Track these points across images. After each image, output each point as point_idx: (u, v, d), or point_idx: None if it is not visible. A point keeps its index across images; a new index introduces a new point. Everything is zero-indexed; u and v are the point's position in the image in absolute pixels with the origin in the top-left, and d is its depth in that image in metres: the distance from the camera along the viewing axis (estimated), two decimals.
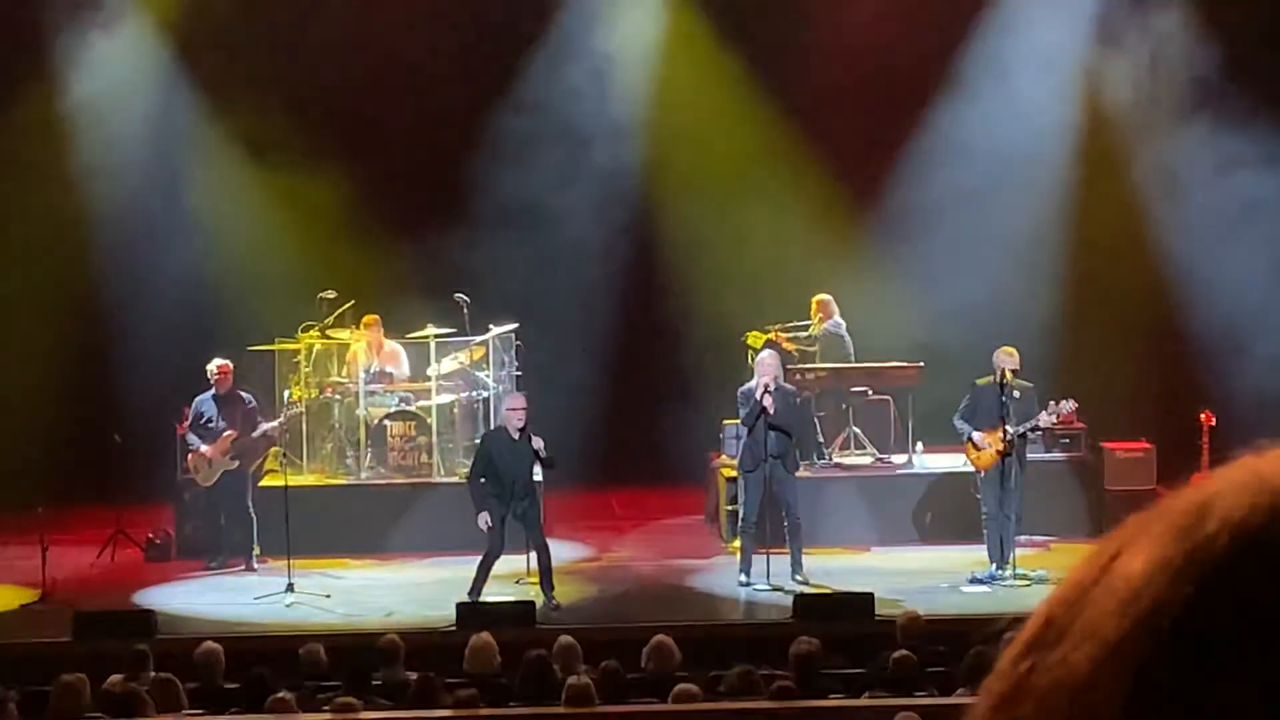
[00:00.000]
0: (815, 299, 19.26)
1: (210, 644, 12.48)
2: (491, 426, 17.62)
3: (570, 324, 20.32)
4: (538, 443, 15.82)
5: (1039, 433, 16.72)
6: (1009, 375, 16.06)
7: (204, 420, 17.30)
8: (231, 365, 17.49)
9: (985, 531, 16.26)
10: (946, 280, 20.07)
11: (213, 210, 20.63)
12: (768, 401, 16.02)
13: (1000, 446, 16.03)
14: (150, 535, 17.74)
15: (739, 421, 16.59)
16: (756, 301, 19.58)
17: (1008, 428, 15.97)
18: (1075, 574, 1.12)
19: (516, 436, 15.81)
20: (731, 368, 18.48)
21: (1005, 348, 16.23)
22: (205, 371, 17.39)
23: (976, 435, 16.17)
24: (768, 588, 15.87)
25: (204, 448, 17.21)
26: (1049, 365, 18.23)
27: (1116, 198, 20.49)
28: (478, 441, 16.82)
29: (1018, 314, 19.50)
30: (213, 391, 17.35)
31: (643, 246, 21.09)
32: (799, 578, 16.26)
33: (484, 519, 15.58)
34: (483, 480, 15.81)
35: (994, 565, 16.11)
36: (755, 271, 20.21)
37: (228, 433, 17.21)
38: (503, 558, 16.28)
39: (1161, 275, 20.31)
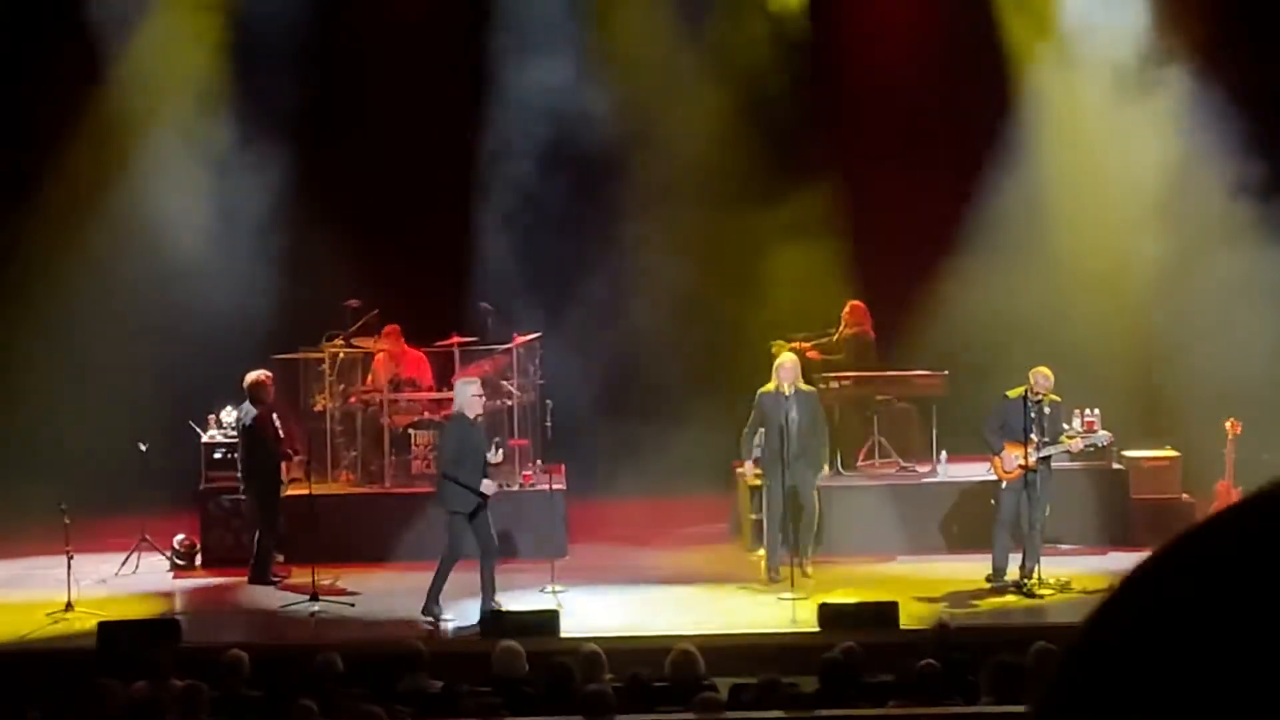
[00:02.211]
0: (847, 305, 19.26)
1: (235, 651, 12.49)
2: (510, 433, 17.62)
3: (592, 332, 20.34)
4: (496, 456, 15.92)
5: (1063, 452, 16.69)
6: (1032, 381, 16.06)
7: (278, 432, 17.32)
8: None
9: (994, 538, 16.25)
10: (973, 290, 20.10)
11: (237, 216, 20.66)
12: (791, 404, 16.35)
13: (1025, 460, 16.00)
14: (175, 543, 17.76)
15: (748, 426, 16.69)
16: (782, 309, 19.56)
17: (1033, 437, 15.96)
18: None
19: (477, 421, 15.83)
20: (756, 376, 18.46)
21: (1041, 368, 16.20)
22: (253, 385, 17.21)
23: (1004, 450, 16.14)
24: (792, 597, 15.84)
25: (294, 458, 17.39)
26: (1075, 373, 18.15)
27: (1140, 213, 20.45)
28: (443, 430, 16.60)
29: (1044, 322, 19.52)
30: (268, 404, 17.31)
31: (666, 253, 21.08)
32: (804, 573, 16.58)
33: (489, 485, 15.55)
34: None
35: (995, 572, 16.13)
36: (780, 279, 20.18)
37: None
38: (525, 567, 16.39)
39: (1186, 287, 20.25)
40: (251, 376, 17.13)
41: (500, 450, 16.03)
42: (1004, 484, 16.27)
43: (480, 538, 15.48)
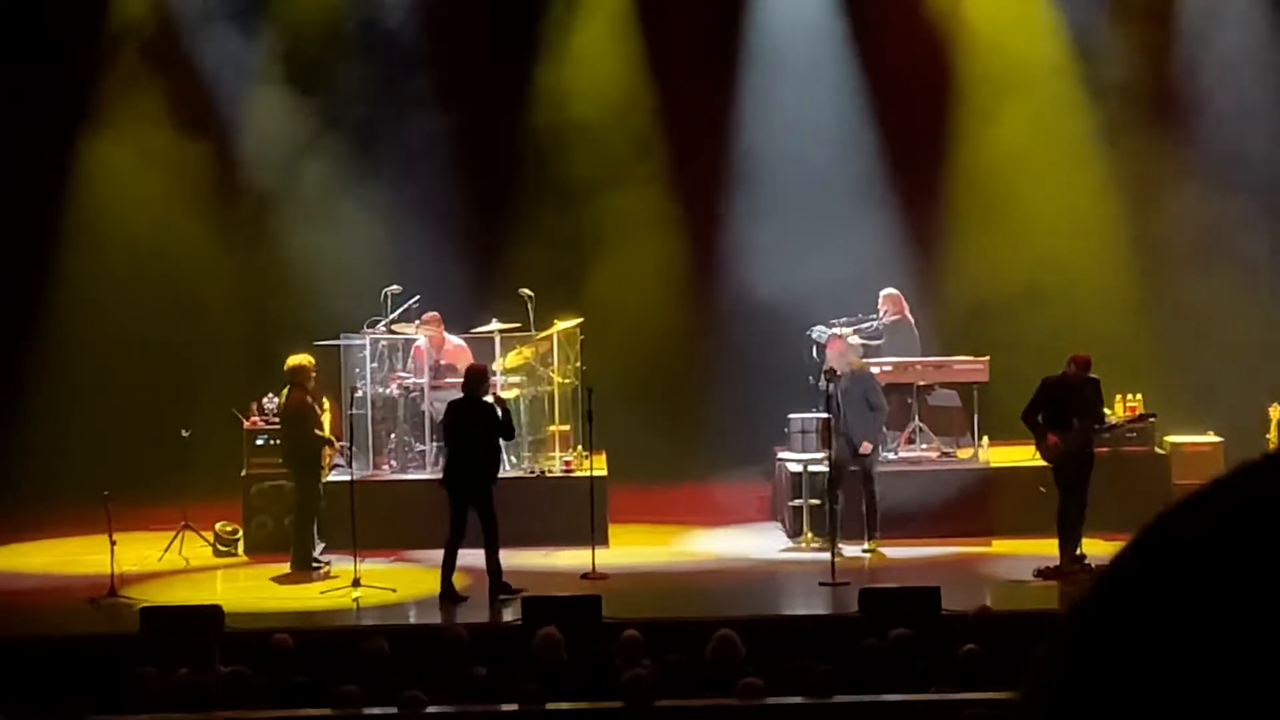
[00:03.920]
0: (883, 293, 19.26)
1: (280, 635, 12.53)
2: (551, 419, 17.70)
3: (633, 318, 20.37)
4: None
5: (1108, 433, 16.69)
6: (1072, 365, 16.07)
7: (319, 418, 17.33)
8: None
9: (1058, 526, 16.20)
10: (1015, 271, 20.14)
11: (277, 204, 20.75)
12: (834, 385, 16.71)
13: (1067, 444, 15.97)
14: (217, 529, 17.81)
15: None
16: (822, 296, 19.54)
17: (1075, 422, 15.94)
18: None
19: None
20: (797, 363, 18.49)
21: (1080, 352, 16.19)
22: (294, 370, 17.17)
23: (1046, 431, 16.11)
24: (831, 582, 15.81)
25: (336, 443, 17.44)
26: (1118, 358, 18.11)
27: (1176, 189, 20.41)
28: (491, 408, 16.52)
29: (1087, 306, 19.54)
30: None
31: (706, 241, 21.12)
32: (866, 546, 16.94)
33: None
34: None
35: (1065, 560, 16.06)
36: (820, 266, 20.17)
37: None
38: (565, 551, 16.45)
39: (1224, 265, 20.17)
40: (293, 361, 17.11)
41: None
42: (1053, 468, 16.26)
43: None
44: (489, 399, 16.04)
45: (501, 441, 16.36)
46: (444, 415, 16.43)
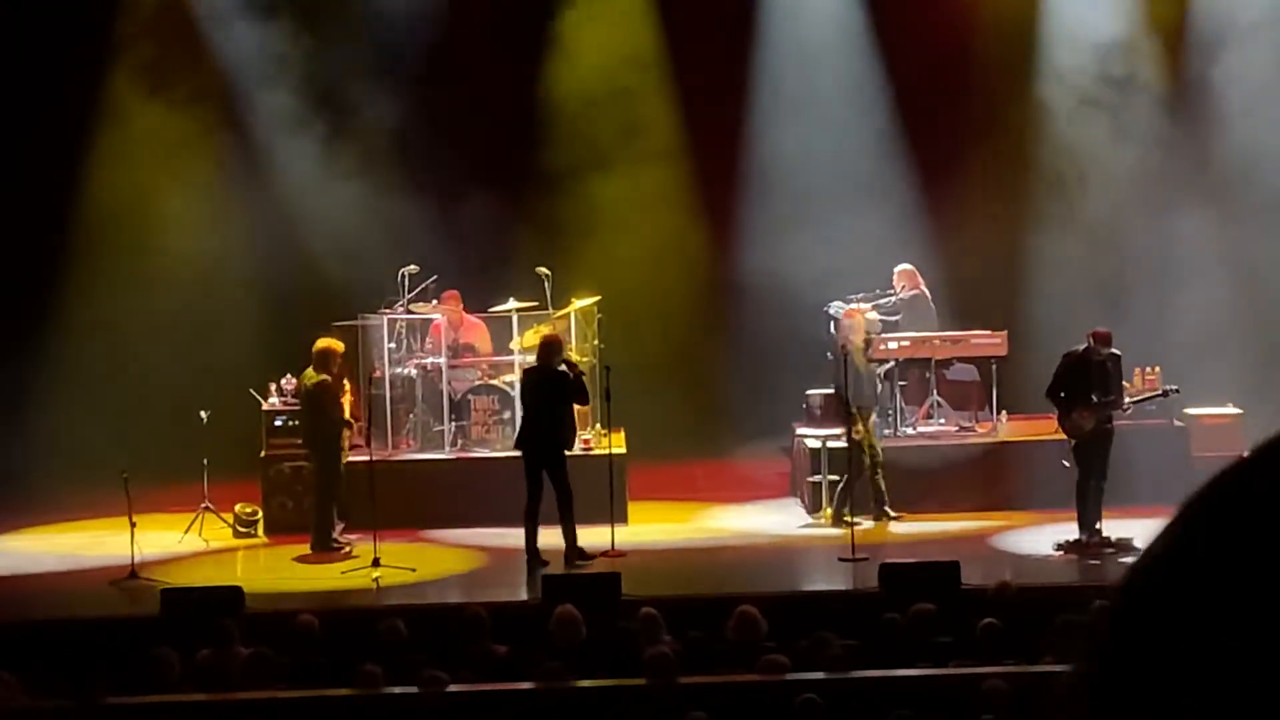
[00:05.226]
0: (898, 269, 19.25)
1: (305, 616, 12.56)
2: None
3: (651, 296, 20.38)
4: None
5: (1129, 409, 16.68)
6: (1092, 343, 16.05)
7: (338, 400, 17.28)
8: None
9: (1078, 497, 16.18)
10: (1034, 245, 20.14)
11: (294, 185, 20.76)
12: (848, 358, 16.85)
13: (1089, 420, 15.94)
14: (237, 511, 17.83)
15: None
16: (840, 271, 19.54)
17: (1094, 397, 15.91)
18: None
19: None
20: (815, 339, 18.48)
21: (1099, 329, 16.18)
22: (322, 352, 17.10)
23: (1069, 406, 16.09)
24: (851, 558, 15.81)
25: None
26: (1138, 330, 18.08)
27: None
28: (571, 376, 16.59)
29: (1106, 279, 19.52)
30: None
31: (724, 218, 21.12)
32: (890, 512, 17.22)
33: None
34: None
35: (1084, 534, 16.04)
36: (838, 241, 20.17)
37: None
38: (584, 528, 16.46)
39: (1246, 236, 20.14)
40: (322, 343, 17.07)
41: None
42: (1072, 444, 16.23)
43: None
44: (562, 367, 16.12)
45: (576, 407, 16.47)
46: (521, 384, 16.70)
